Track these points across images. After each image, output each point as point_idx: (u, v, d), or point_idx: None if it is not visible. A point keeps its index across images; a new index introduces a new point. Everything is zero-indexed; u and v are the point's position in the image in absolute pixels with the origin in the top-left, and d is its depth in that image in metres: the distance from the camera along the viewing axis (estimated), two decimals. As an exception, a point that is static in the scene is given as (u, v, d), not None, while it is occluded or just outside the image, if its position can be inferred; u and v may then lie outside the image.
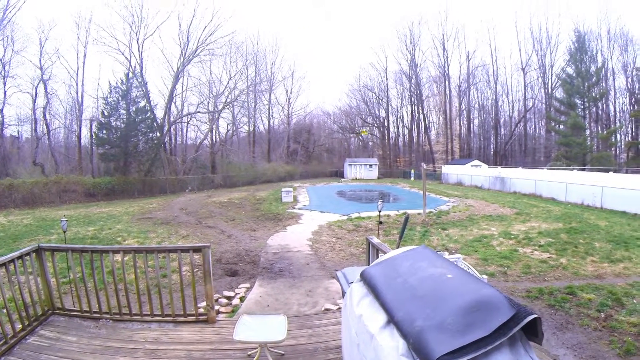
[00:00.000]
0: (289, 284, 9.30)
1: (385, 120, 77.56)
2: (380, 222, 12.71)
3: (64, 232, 7.67)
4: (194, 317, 5.90)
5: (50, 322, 5.71)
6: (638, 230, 15.88)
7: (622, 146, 50.54)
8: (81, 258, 5.85)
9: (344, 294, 3.42)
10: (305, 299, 8.24)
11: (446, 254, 5.80)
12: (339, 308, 7.31)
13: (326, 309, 7.42)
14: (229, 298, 8.37)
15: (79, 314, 5.92)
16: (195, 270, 6.05)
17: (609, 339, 6.63)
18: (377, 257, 6.16)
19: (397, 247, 4.63)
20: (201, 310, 6.84)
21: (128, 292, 5.92)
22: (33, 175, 35.06)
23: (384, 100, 76.62)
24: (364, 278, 2.81)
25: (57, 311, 5.99)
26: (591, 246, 13.02)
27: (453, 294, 2.04)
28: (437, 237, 14.80)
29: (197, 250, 5.77)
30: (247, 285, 9.19)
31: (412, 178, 53.02)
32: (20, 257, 5.41)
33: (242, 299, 8.26)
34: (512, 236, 14.68)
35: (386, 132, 77.65)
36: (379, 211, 12.24)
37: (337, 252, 12.90)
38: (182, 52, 46.07)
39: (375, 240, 6.28)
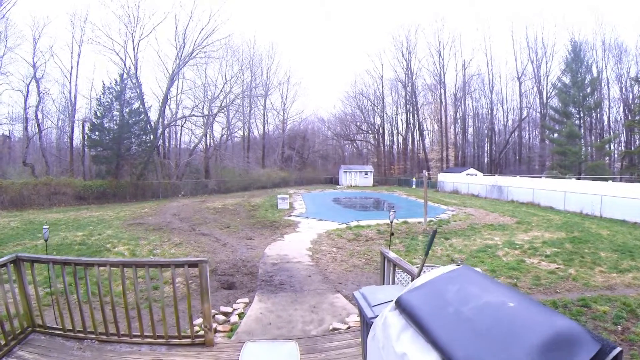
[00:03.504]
0: (291, 298, 8.63)
1: (380, 128, 77.62)
2: (392, 234, 12.12)
3: (46, 241, 7.01)
4: (189, 340, 5.28)
5: (29, 342, 5.17)
6: (640, 239, 15.89)
7: (616, 155, 50.98)
8: (63, 270, 5.20)
9: (365, 318, 3.21)
10: (310, 316, 7.58)
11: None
12: (349, 327, 6.76)
13: (335, 329, 6.77)
14: (227, 314, 7.69)
15: (62, 332, 5.35)
16: (189, 282, 5.37)
17: (629, 352, 6.28)
18: (394, 274, 5.60)
19: (423, 264, 4.16)
20: (197, 329, 6.22)
21: (115, 307, 5.29)
22: (23, 176, 34.38)
23: (379, 107, 76.72)
24: (402, 306, 2.43)
25: (38, 329, 5.42)
26: (597, 256, 12.88)
27: (523, 329, 1.78)
28: (441, 248, 14.30)
29: (193, 265, 5.14)
30: (246, 299, 8.51)
31: (414, 186, 52.50)
32: None
33: (240, 316, 7.58)
34: (517, 246, 14.38)
35: (381, 139, 77.43)
36: (391, 222, 11.61)
37: (339, 263, 12.27)
38: (177, 54, 45.57)
39: (392, 254, 5.70)
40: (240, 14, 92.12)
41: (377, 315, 3.09)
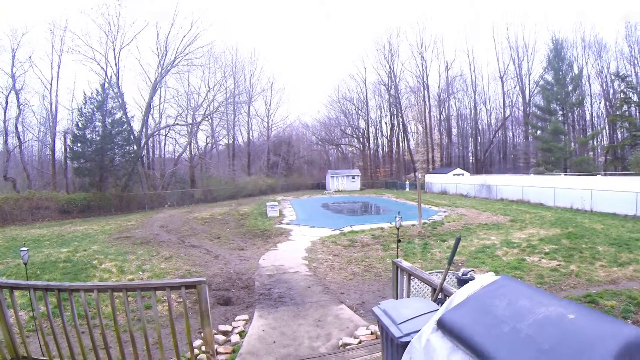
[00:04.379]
0: (292, 312, 8.14)
1: (365, 131, 77.40)
2: (399, 240, 11.73)
3: (25, 264, 6.43)
4: (190, 367, 4.73)
5: (12, 376, 4.60)
6: (634, 231, 16.29)
7: (599, 150, 51.69)
8: (46, 297, 4.66)
9: (391, 337, 2.93)
10: (315, 331, 7.12)
11: (460, 271, 4.91)
12: (360, 342, 6.33)
13: (345, 344, 6.32)
14: (226, 333, 7.19)
15: (48, 364, 4.77)
16: (185, 300, 4.85)
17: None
18: (410, 284, 5.19)
19: (446, 273, 3.79)
20: (196, 352, 5.74)
21: (105, 331, 4.75)
22: (4, 191, 33.60)
23: (363, 111, 76.54)
24: (448, 327, 2.28)
25: (21, 360, 4.84)
26: (595, 250, 12.97)
27: (591, 342, 1.68)
28: (438, 250, 14.13)
29: (190, 286, 4.61)
30: (245, 316, 8.01)
31: (407, 189, 52.21)
32: None
33: (242, 335, 7.08)
34: (515, 245, 14.35)
35: (366, 143, 77.30)
36: (397, 228, 11.19)
37: (338, 271, 11.86)
38: (159, 62, 45.03)
39: (405, 264, 5.27)
40: (222, 21, 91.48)
41: (405, 334, 2.84)
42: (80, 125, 37.15)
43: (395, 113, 72.10)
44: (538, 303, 2.08)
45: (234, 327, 7.44)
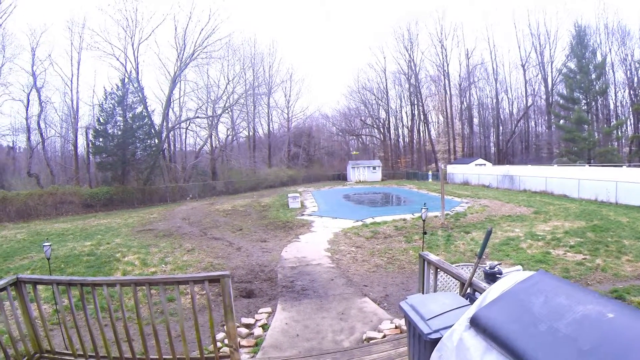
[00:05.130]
0: (316, 305, 8.06)
1: (386, 121, 76.77)
2: (425, 232, 11.56)
3: (48, 259, 6.43)
4: (213, 362, 4.65)
5: (37, 369, 4.61)
6: (661, 225, 15.75)
7: (624, 140, 50.30)
8: (69, 291, 4.65)
9: (419, 333, 2.84)
10: (339, 325, 7.02)
11: (487, 265, 4.75)
12: (384, 336, 6.23)
13: (369, 338, 6.21)
14: (249, 326, 7.14)
15: (72, 357, 4.79)
16: (209, 293, 4.77)
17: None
18: (436, 279, 5.04)
19: (476, 267, 3.65)
20: (219, 345, 5.69)
21: (128, 323, 4.72)
22: (28, 187, 34.15)
23: (383, 101, 75.93)
24: (482, 326, 2.19)
25: (46, 355, 4.89)
26: (621, 244, 12.53)
27: (632, 345, 1.59)
28: (462, 242, 13.86)
29: (214, 280, 4.53)
30: (268, 309, 7.95)
31: (430, 179, 51.71)
32: None
33: (264, 327, 7.02)
34: (540, 237, 13.98)
35: (387, 133, 76.76)
36: (423, 220, 11.00)
37: (361, 263, 11.74)
38: (178, 56, 45.12)
39: (432, 257, 5.10)
40: (239, 12, 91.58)
41: (434, 331, 2.76)
42: (101, 120, 37.61)
43: (415, 103, 71.57)
44: (576, 300, 1.99)
45: (256, 320, 7.39)
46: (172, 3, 78.81)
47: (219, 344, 5.72)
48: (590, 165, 32.53)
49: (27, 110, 39.81)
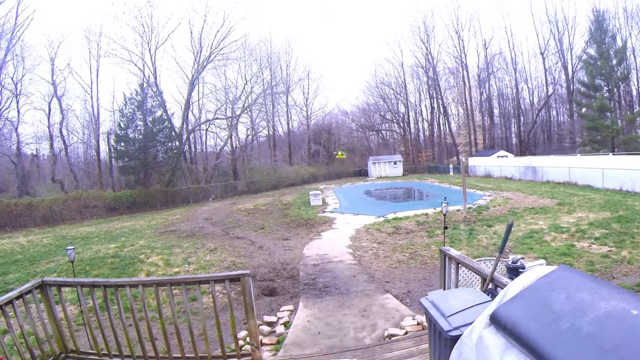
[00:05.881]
0: (337, 302, 8.06)
1: (405, 116, 76.25)
2: (446, 227, 11.47)
3: (72, 262, 6.55)
4: (235, 359, 4.68)
5: (64, 369, 4.72)
6: (688, 216, 15.30)
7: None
8: (92, 293, 4.74)
9: (439, 330, 2.87)
10: (361, 322, 7.01)
11: (510, 259, 4.67)
12: (406, 333, 6.18)
13: (391, 335, 6.18)
14: (271, 324, 7.17)
15: (97, 357, 4.90)
16: (230, 292, 4.81)
17: None
18: (457, 274, 4.99)
19: (497, 262, 3.59)
20: (241, 343, 5.72)
21: (151, 323, 4.80)
22: (52, 193, 34.81)
23: (402, 95, 75.30)
24: (502, 323, 2.13)
25: (71, 354, 5.00)
26: None
27: None
28: (485, 236, 13.66)
29: (234, 279, 4.57)
30: (290, 307, 7.99)
31: (451, 173, 51.35)
32: (20, 296, 4.45)
33: (286, 325, 7.04)
34: (564, 229, 13.64)
35: (407, 127, 76.29)
36: (444, 214, 10.92)
37: (383, 259, 11.70)
38: (195, 59, 45.51)
39: (453, 252, 5.06)
40: (253, 13, 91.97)
41: (455, 327, 2.77)
42: (122, 125, 38.30)
43: (434, 96, 70.72)
44: (599, 296, 1.93)
45: (278, 318, 7.43)
46: (187, 7, 79.68)
47: (240, 342, 5.77)
48: (614, 154, 31.85)
49: (49, 118, 40.84)
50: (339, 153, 68.28)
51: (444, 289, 5.13)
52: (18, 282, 11.12)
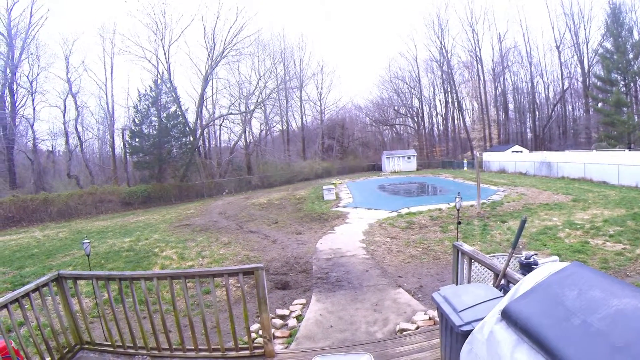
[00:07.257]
0: (350, 296, 8.08)
1: (419, 110, 75.82)
2: (459, 222, 11.42)
3: (88, 256, 6.65)
4: (247, 351, 4.77)
5: None
6: None
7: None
8: (107, 285, 4.82)
9: (451, 325, 2.87)
10: (373, 316, 7.02)
11: (523, 255, 4.65)
12: (418, 327, 6.18)
13: (402, 330, 6.19)
14: (284, 317, 7.22)
15: (111, 349, 5.00)
16: (243, 285, 4.85)
17: None
18: (470, 270, 4.99)
19: (510, 258, 3.59)
20: (254, 336, 5.76)
21: (165, 316, 4.88)
22: (68, 188, 35.22)
23: (416, 89, 74.86)
24: (513, 319, 2.15)
25: (86, 346, 5.11)
26: None
27: None
28: (498, 232, 13.59)
29: (248, 272, 4.61)
30: (303, 300, 8.03)
31: (465, 168, 51.10)
32: (36, 289, 4.54)
33: (299, 319, 7.09)
34: (578, 226, 13.47)
35: (421, 121, 75.90)
36: (458, 209, 10.87)
37: (395, 254, 11.70)
38: (209, 55, 45.54)
39: (467, 247, 5.05)
40: (267, 8, 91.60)
41: (466, 322, 2.78)
42: (136, 121, 38.74)
43: (449, 90, 70.19)
44: (610, 294, 1.95)
45: (291, 311, 7.47)
46: (200, 4, 79.79)
47: (253, 335, 5.81)
48: (630, 150, 31.34)
49: (64, 115, 41.22)
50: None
51: (457, 284, 5.12)
52: (34, 276, 11.30)
